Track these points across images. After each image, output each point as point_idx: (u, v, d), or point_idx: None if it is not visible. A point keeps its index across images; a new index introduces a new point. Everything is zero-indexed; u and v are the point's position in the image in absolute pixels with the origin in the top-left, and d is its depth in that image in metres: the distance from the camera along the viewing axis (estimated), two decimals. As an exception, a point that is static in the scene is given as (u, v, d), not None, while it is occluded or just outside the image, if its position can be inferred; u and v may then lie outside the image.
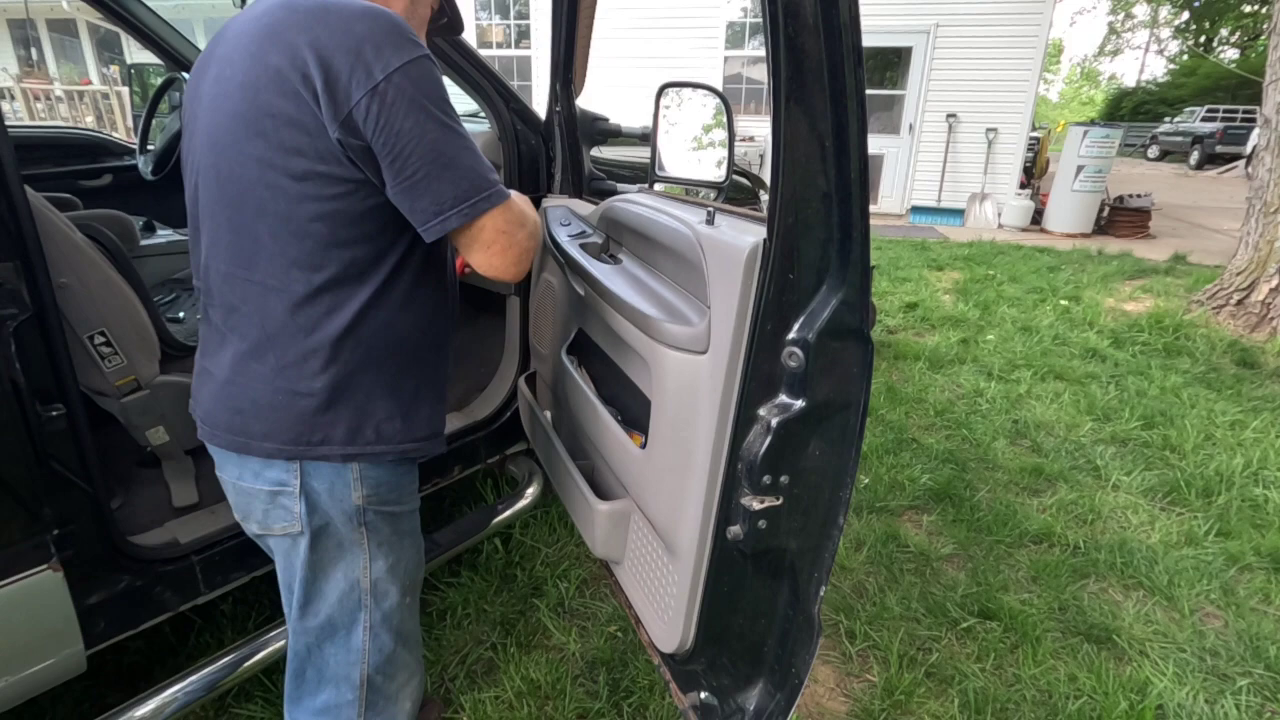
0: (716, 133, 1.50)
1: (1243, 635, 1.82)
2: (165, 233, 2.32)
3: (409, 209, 0.83)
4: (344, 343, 0.86)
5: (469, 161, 0.82)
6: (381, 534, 0.98)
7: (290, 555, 0.96)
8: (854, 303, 0.85)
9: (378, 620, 1.01)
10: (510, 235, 0.87)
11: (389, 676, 1.05)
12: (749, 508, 0.91)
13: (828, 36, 0.76)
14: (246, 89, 0.79)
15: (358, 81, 0.76)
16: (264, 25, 0.80)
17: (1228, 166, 16.73)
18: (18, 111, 10.38)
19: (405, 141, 0.78)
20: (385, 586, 1.00)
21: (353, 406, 0.89)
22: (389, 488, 0.96)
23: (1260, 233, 4.37)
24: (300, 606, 0.98)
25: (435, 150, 0.80)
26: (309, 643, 1.01)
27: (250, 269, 0.84)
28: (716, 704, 1.09)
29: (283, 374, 0.86)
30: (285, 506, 0.91)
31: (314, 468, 0.90)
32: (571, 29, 1.64)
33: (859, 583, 2.00)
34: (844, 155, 0.80)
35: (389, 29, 0.78)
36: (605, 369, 1.41)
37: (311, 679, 1.03)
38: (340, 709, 1.02)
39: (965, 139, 8.43)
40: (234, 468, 0.93)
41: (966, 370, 3.61)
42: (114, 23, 2.24)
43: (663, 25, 8.64)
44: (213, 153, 0.84)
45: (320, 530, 0.93)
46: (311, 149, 0.79)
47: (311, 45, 0.77)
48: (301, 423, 0.87)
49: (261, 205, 0.81)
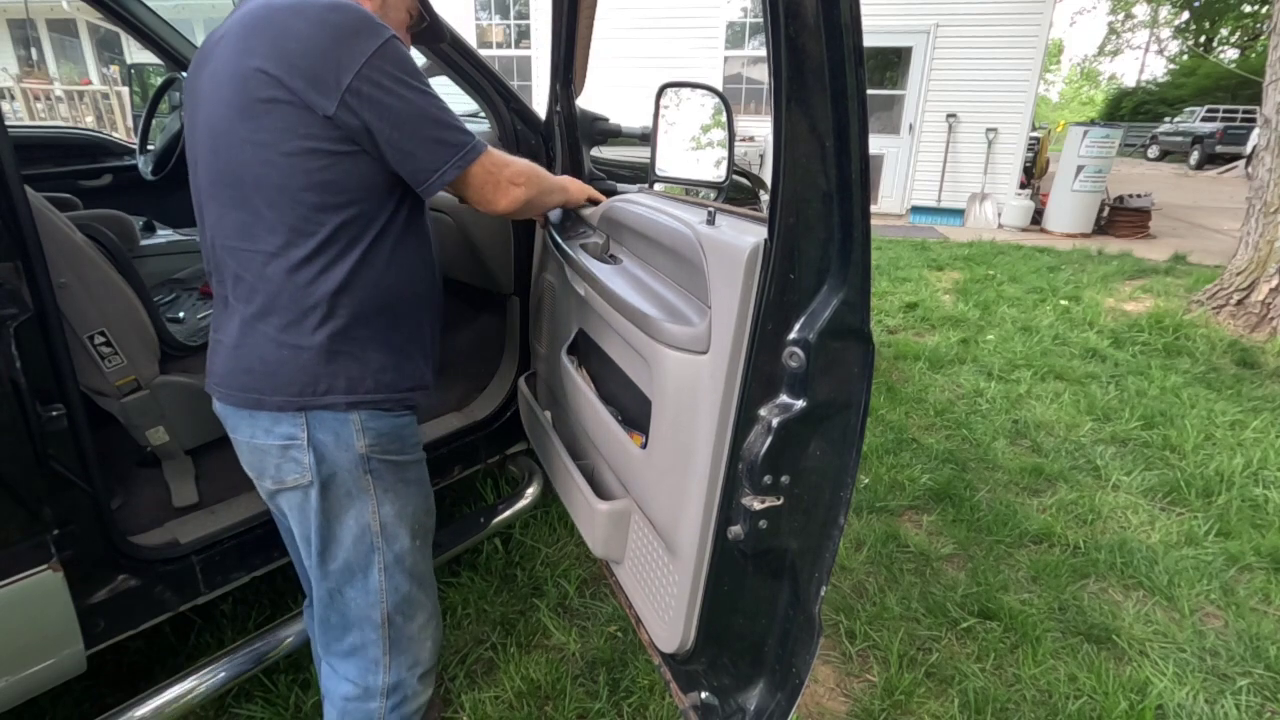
0: (716, 133, 1.50)
1: (1243, 635, 1.82)
2: (165, 233, 2.31)
3: (409, 171, 0.95)
4: (339, 299, 0.96)
5: (450, 120, 0.96)
6: (386, 481, 1.05)
7: (303, 507, 1.03)
8: (855, 303, 0.85)
9: (390, 561, 1.08)
10: (496, 175, 1.03)
11: (408, 617, 1.12)
12: (750, 508, 0.91)
13: (829, 37, 0.76)
14: (236, 80, 0.89)
15: (344, 68, 0.87)
16: (248, 24, 0.90)
17: (1228, 166, 16.73)
18: (18, 111, 10.38)
19: (395, 115, 0.90)
20: (394, 529, 1.07)
21: (350, 358, 0.99)
22: (389, 438, 1.04)
23: (1260, 233, 4.37)
24: (319, 554, 1.05)
25: (422, 118, 0.92)
26: (330, 588, 1.08)
27: (251, 240, 0.94)
28: (717, 704, 1.09)
29: (286, 331, 0.95)
30: (295, 459, 0.99)
31: (319, 420, 0.98)
32: (572, 29, 1.63)
33: (859, 583, 2.00)
34: (845, 155, 0.79)
35: (359, 18, 0.89)
36: (605, 369, 1.41)
37: (337, 624, 1.10)
38: (366, 649, 1.10)
39: (965, 139, 8.43)
40: (246, 427, 1.01)
41: (966, 370, 3.61)
42: (114, 23, 2.24)
43: (663, 25, 8.64)
44: (211, 139, 0.93)
45: (329, 479, 1.01)
46: (301, 127, 0.88)
47: (295, 39, 0.87)
48: (306, 375, 0.96)
49: (257, 181, 0.91)
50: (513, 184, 1.06)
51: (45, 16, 13.04)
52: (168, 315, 1.89)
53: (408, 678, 1.13)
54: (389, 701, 1.12)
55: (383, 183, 0.96)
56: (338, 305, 0.96)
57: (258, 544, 1.45)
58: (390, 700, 1.12)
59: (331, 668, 1.13)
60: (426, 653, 1.16)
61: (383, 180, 0.96)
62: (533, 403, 1.77)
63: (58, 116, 10.56)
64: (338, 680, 1.12)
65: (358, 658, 1.10)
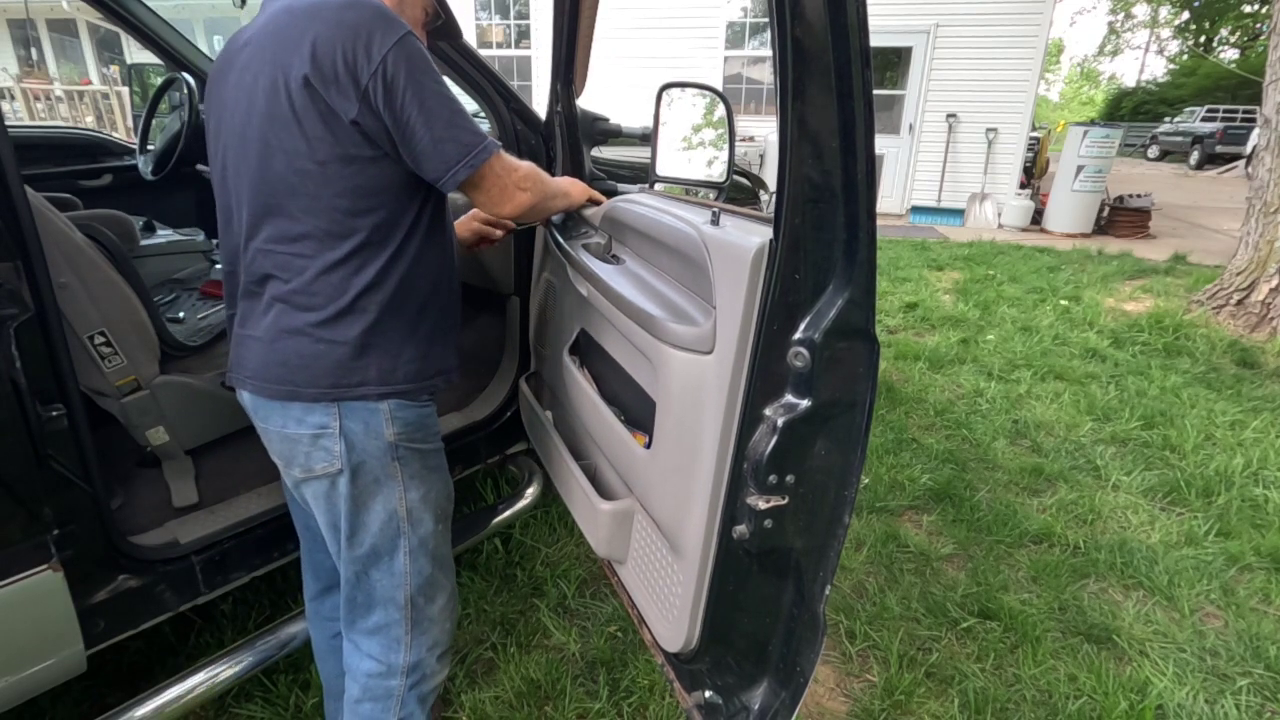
0: (716, 132, 1.49)
1: (1243, 635, 1.82)
2: (165, 233, 2.31)
3: (424, 169, 0.96)
4: (370, 296, 0.99)
5: (464, 122, 0.96)
6: (412, 467, 1.09)
7: (331, 495, 1.06)
8: (860, 302, 0.85)
9: (415, 545, 1.11)
10: (504, 179, 1.04)
11: (430, 599, 1.16)
12: (755, 507, 0.91)
13: (835, 38, 0.76)
14: (267, 91, 0.91)
15: (361, 66, 0.88)
16: (270, 31, 0.92)
17: (1228, 166, 16.74)
18: (18, 111, 10.36)
19: (410, 111, 0.91)
20: (420, 514, 1.11)
21: (382, 350, 1.02)
22: (415, 426, 1.08)
23: (1260, 233, 4.37)
24: (348, 538, 1.08)
25: (436, 115, 0.93)
26: (357, 570, 1.11)
27: (287, 243, 0.97)
28: (721, 703, 1.08)
29: (321, 328, 0.98)
30: (326, 448, 1.02)
31: (350, 410, 1.01)
32: (572, 29, 1.63)
33: (859, 583, 2.00)
34: (851, 155, 0.79)
35: (375, 14, 0.90)
36: (608, 369, 1.41)
37: (362, 603, 1.13)
38: (389, 628, 1.13)
39: (965, 139, 8.44)
40: (278, 417, 1.03)
41: (966, 370, 3.61)
42: (114, 23, 2.23)
43: (663, 25, 8.64)
44: (242, 148, 0.96)
45: (359, 467, 1.04)
46: (331, 136, 0.91)
47: (315, 42, 0.88)
48: (341, 368, 1.00)
49: (292, 189, 0.93)
50: (519, 189, 1.07)
51: (45, 16, 13.02)
52: (168, 315, 1.89)
53: (427, 657, 1.17)
54: (409, 680, 1.15)
55: (409, 184, 0.99)
56: (370, 302, 0.99)
57: (258, 544, 1.45)
58: (410, 678, 1.15)
59: (355, 645, 1.16)
60: (445, 634, 1.20)
61: (409, 182, 0.99)
62: (534, 403, 1.77)
63: (58, 116, 10.55)
64: (360, 657, 1.15)
65: (381, 636, 1.14)
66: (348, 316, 0.99)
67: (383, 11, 0.91)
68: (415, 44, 0.92)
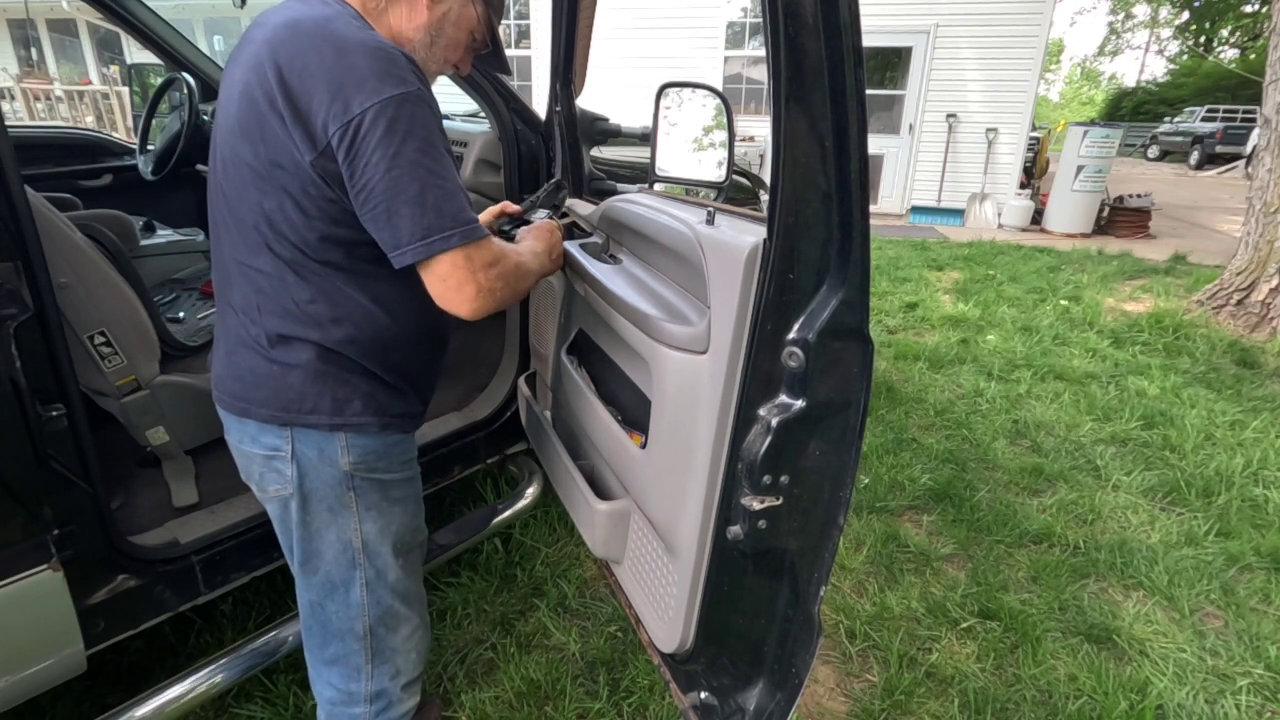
0: (716, 133, 1.50)
1: (1243, 635, 1.82)
2: (165, 233, 2.31)
3: (375, 237, 0.88)
4: (329, 324, 0.94)
5: (434, 200, 0.84)
6: (369, 498, 1.03)
7: (284, 517, 1.02)
8: (854, 302, 0.85)
9: (373, 578, 1.06)
10: (466, 274, 0.88)
11: (391, 629, 1.11)
12: (749, 508, 0.91)
13: (828, 36, 0.76)
14: (243, 100, 0.86)
15: (334, 114, 0.81)
16: (268, 41, 0.86)
17: (1228, 166, 16.72)
18: (18, 111, 10.38)
19: (370, 175, 0.82)
20: (377, 547, 1.05)
21: (337, 380, 0.96)
22: (376, 456, 1.02)
23: (1260, 233, 4.37)
24: (300, 565, 1.05)
25: (397, 187, 0.82)
26: (312, 599, 1.08)
27: (250, 256, 0.92)
28: (716, 704, 1.09)
29: (276, 348, 0.94)
30: (278, 470, 0.98)
31: (303, 435, 0.96)
32: (571, 29, 1.63)
33: (859, 583, 2.00)
34: (844, 155, 0.79)
35: (380, 65, 0.82)
36: (605, 369, 1.41)
37: (318, 634, 1.10)
38: (348, 658, 1.10)
39: (965, 139, 8.43)
40: (236, 431, 1.01)
41: (966, 370, 3.61)
42: (114, 23, 2.24)
43: (663, 25, 8.64)
44: (220, 154, 0.93)
45: (310, 493, 0.99)
46: (290, 166, 0.85)
47: (301, 72, 0.82)
48: (292, 391, 0.95)
49: (254, 203, 0.89)
50: (486, 289, 0.90)
51: (45, 16, 13.04)
52: (168, 315, 1.90)
53: (391, 686, 1.13)
54: (373, 707, 1.12)
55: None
56: (329, 330, 0.93)
57: (257, 544, 1.45)
58: (374, 706, 1.12)
59: (316, 671, 1.14)
60: (411, 664, 1.16)
61: None
62: (533, 403, 1.77)
63: (58, 116, 10.57)
64: (322, 684, 1.13)
65: (340, 665, 1.11)
66: (300, 342, 0.93)
67: (392, 65, 0.83)
68: (413, 105, 0.82)
